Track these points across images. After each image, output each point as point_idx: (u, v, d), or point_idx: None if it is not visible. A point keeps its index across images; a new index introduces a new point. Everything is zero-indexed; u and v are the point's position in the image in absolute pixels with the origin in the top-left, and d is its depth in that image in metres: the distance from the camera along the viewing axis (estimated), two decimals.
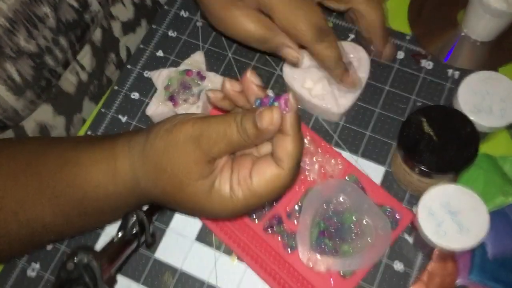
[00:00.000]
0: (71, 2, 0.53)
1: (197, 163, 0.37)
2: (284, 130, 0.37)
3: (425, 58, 0.60)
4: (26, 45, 0.50)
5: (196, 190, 0.38)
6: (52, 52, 0.53)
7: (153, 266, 0.52)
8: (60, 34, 0.53)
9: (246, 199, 0.38)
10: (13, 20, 0.48)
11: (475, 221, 0.44)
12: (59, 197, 0.43)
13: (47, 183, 0.43)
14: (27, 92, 0.52)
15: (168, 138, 0.38)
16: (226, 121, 0.37)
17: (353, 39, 0.61)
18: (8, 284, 0.52)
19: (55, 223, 0.44)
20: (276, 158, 0.38)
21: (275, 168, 0.38)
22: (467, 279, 0.47)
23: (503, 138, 0.55)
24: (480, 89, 0.50)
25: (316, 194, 0.50)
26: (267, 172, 0.38)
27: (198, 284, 0.51)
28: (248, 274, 0.51)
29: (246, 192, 0.38)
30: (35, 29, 0.50)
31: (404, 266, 0.50)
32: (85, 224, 0.47)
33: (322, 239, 0.49)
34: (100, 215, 0.45)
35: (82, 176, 0.43)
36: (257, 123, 0.36)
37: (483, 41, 0.59)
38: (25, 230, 0.44)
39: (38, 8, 0.50)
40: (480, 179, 0.50)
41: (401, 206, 0.51)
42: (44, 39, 0.51)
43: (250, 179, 0.38)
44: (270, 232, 0.50)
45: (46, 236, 0.46)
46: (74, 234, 0.50)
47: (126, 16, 0.64)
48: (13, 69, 0.50)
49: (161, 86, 0.58)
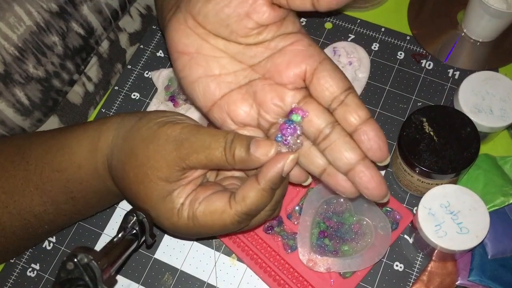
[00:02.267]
0: (78, 30, 0.54)
1: (169, 165, 0.37)
2: (259, 177, 0.36)
3: (425, 58, 0.60)
4: (35, 71, 0.51)
5: (154, 190, 0.38)
6: (60, 75, 0.54)
7: (153, 266, 0.52)
8: (67, 59, 0.54)
9: (187, 221, 0.38)
10: (22, 49, 0.50)
11: (475, 222, 0.44)
12: (46, 183, 0.44)
13: (34, 170, 0.44)
14: (34, 113, 0.54)
15: (155, 131, 0.38)
16: (215, 135, 0.37)
17: (353, 39, 0.61)
18: (8, 284, 0.52)
19: (46, 211, 0.45)
20: (232, 197, 0.37)
21: (224, 203, 0.37)
22: (467, 279, 0.47)
23: (503, 138, 0.55)
24: (480, 89, 0.50)
25: (316, 195, 0.50)
26: (215, 203, 0.37)
27: (198, 285, 0.51)
28: (248, 275, 0.51)
29: (190, 214, 0.38)
30: (44, 57, 0.52)
31: (404, 266, 0.50)
32: (74, 211, 0.47)
33: (322, 240, 0.49)
34: (86, 200, 0.46)
35: (67, 158, 0.43)
36: (250, 148, 0.36)
37: (483, 41, 0.59)
38: (18, 222, 0.45)
39: (46, 37, 0.51)
40: (480, 179, 0.50)
41: (401, 207, 0.51)
42: (52, 65, 0.53)
43: (198, 204, 0.37)
44: (270, 233, 0.50)
45: (40, 227, 0.47)
46: (67, 223, 0.50)
47: (133, 28, 0.65)
48: (22, 94, 0.51)
49: (161, 86, 0.58)
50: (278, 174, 0.36)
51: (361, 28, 0.62)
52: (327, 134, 0.38)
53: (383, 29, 0.62)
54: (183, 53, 0.40)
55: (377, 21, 0.62)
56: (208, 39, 0.39)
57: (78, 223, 0.54)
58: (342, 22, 0.63)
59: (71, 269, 0.35)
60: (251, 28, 0.38)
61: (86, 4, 0.54)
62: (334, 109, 0.38)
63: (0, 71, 0.49)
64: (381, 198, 0.38)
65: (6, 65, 0.49)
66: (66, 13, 0.52)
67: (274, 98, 0.39)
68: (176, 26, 0.39)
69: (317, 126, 0.38)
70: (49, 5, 0.50)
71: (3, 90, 0.49)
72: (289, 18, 0.39)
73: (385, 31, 0.62)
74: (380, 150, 0.37)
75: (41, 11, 0.50)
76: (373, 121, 0.37)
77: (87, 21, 0.54)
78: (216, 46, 0.39)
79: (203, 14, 0.38)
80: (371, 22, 0.62)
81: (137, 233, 0.43)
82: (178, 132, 0.37)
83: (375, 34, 0.62)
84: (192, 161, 0.37)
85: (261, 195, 0.36)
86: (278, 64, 0.38)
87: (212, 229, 0.38)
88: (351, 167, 0.37)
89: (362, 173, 0.37)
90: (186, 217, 0.38)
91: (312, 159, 0.39)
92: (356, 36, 0.62)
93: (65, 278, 0.35)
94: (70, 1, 0.52)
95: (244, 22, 0.37)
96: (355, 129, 0.37)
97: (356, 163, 0.37)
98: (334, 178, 0.38)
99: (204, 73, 0.39)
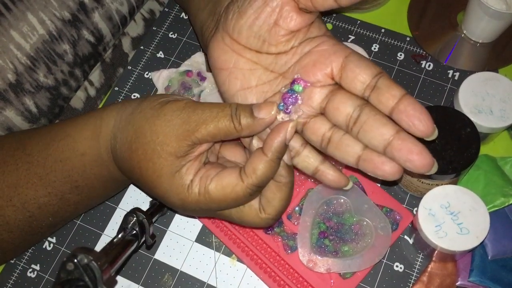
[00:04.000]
0: (89, 37, 0.55)
1: (178, 138, 0.38)
2: (265, 149, 0.38)
3: (425, 59, 0.60)
4: (45, 80, 0.52)
5: (163, 166, 0.39)
6: (68, 83, 0.55)
7: (153, 267, 0.52)
8: (76, 66, 0.55)
9: (199, 196, 0.39)
10: (34, 58, 0.50)
11: (475, 222, 0.44)
12: (49, 173, 0.45)
13: (37, 162, 0.45)
14: (41, 120, 0.54)
15: (159, 109, 0.40)
16: (220, 106, 0.39)
17: (353, 40, 0.61)
18: (8, 285, 0.52)
19: (50, 202, 0.46)
20: (242, 171, 0.38)
21: (235, 177, 0.38)
22: (467, 280, 0.47)
23: (503, 139, 0.55)
24: (480, 90, 0.50)
25: (316, 195, 0.50)
26: (227, 178, 0.38)
27: (198, 285, 0.51)
28: (248, 275, 0.51)
29: (201, 190, 0.39)
30: (54, 65, 0.52)
31: (404, 267, 0.50)
32: (79, 201, 0.47)
33: (322, 240, 0.49)
34: (90, 188, 0.46)
35: (69, 147, 0.44)
36: (254, 112, 0.37)
37: (483, 42, 0.59)
38: (22, 214, 0.45)
39: (58, 46, 0.52)
40: (481, 180, 0.50)
41: (401, 207, 0.51)
42: (61, 73, 0.53)
43: (210, 180, 0.39)
44: (270, 233, 0.50)
45: (44, 219, 0.47)
46: (71, 216, 0.50)
47: (136, 32, 0.65)
48: (31, 102, 0.52)
49: (161, 87, 0.58)
50: (282, 143, 0.37)
51: (361, 29, 0.62)
52: (356, 117, 0.38)
53: (383, 30, 0.62)
54: (222, 69, 0.42)
55: (377, 22, 0.63)
56: (243, 53, 0.41)
57: (78, 224, 0.54)
58: (342, 23, 0.63)
59: (71, 270, 0.35)
60: (281, 35, 0.40)
61: (98, 11, 0.54)
62: (368, 96, 0.38)
63: (11, 81, 0.49)
64: (426, 169, 0.36)
65: (18, 74, 0.50)
66: (78, 21, 0.53)
67: (303, 98, 0.40)
68: (215, 45, 0.42)
69: (345, 113, 0.38)
70: (62, 13, 0.51)
71: (13, 99, 0.50)
72: (315, 24, 0.41)
73: (385, 32, 0.62)
74: (423, 124, 0.35)
75: (54, 19, 0.50)
76: (409, 96, 0.36)
77: (97, 28, 0.55)
78: (250, 59, 0.41)
79: (237, 29, 0.40)
80: (371, 23, 0.62)
81: (137, 233, 0.44)
82: (182, 106, 0.39)
83: (375, 35, 0.62)
84: (201, 133, 0.38)
85: (270, 166, 0.38)
86: (305, 65, 0.40)
87: (224, 203, 0.39)
88: (387, 143, 0.36)
89: (400, 145, 0.36)
90: (198, 192, 0.39)
91: (345, 149, 0.39)
92: (356, 37, 0.62)
93: (65, 279, 0.35)
94: (82, 8, 0.53)
95: (275, 30, 0.40)
96: (392, 109, 0.36)
97: (391, 137, 0.36)
98: (371, 162, 0.38)
99: (241, 86, 0.42)
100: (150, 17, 0.66)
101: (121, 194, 0.55)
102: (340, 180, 0.41)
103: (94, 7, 0.54)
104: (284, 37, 0.40)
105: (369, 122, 0.37)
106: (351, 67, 0.38)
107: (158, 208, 0.50)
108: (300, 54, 0.40)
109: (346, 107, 0.38)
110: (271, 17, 0.39)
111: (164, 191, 0.40)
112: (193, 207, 0.40)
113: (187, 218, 0.54)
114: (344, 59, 0.38)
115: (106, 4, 0.55)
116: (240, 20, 0.40)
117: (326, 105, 0.39)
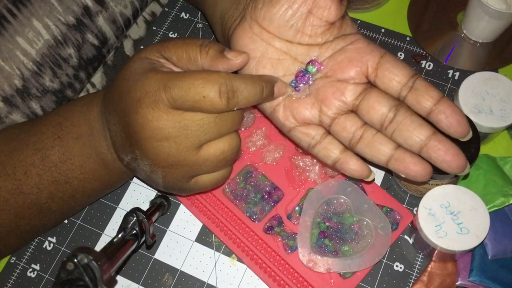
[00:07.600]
0: (93, 41, 0.55)
1: (152, 49, 0.39)
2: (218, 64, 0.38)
3: (425, 59, 0.60)
4: (51, 84, 0.52)
5: (137, 67, 0.39)
6: (73, 86, 0.55)
7: (153, 266, 0.52)
8: (80, 69, 0.55)
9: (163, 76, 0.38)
10: (40, 63, 0.51)
11: (475, 222, 0.44)
12: (44, 159, 0.45)
13: (34, 149, 0.45)
14: None
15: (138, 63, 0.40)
16: (192, 39, 0.40)
17: None
18: (9, 285, 0.52)
19: (38, 173, 0.45)
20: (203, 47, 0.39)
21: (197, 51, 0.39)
22: (467, 280, 0.47)
23: (503, 139, 0.55)
24: (480, 90, 0.50)
25: (316, 195, 0.50)
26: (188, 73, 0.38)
27: (198, 285, 0.51)
28: (248, 275, 0.51)
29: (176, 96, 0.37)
30: (60, 69, 0.52)
31: (404, 267, 0.50)
32: (71, 178, 0.46)
33: (322, 240, 0.49)
34: (85, 178, 0.46)
35: (65, 131, 0.45)
36: (224, 52, 0.38)
37: (483, 42, 0.59)
38: (10, 183, 0.45)
39: (63, 50, 0.52)
40: (480, 179, 0.50)
41: (401, 207, 0.51)
42: (66, 76, 0.54)
43: (176, 75, 0.38)
44: (270, 233, 0.50)
45: (30, 189, 0.46)
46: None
47: (138, 34, 0.65)
48: (37, 106, 0.52)
49: None
50: None
51: (361, 29, 0.62)
52: (392, 118, 0.38)
53: (383, 30, 0.62)
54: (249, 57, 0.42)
55: (377, 22, 0.63)
56: (273, 42, 0.41)
57: (78, 224, 0.54)
58: None
59: (71, 270, 0.35)
60: (318, 26, 0.40)
61: (102, 14, 0.54)
62: (405, 97, 0.38)
63: (18, 87, 0.50)
64: (461, 170, 0.38)
65: (25, 80, 0.50)
66: (83, 25, 0.53)
67: (336, 93, 0.40)
68: (241, 33, 0.42)
69: (381, 112, 0.39)
70: (66, 18, 0.51)
71: (20, 104, 0.50)
72: (347, 22, 0.41)
73: (385, 32, 0.62)
74: (460, 125, 0.37)
75: (58, 24, 0.51)
76: (446, 99, 0.38)
77: (101, 31, 0.55)
78: (280, 49, 0.41)
79: (268, 18, 0.40)
80: (371, 23, 0.62)
81: (137, 233, 0.44)
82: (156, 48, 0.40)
83: (375, 35, 0.62)
84: (169, 48, 0.39)
85: (221, 78, 0.37)
86: (340, 62, 0.40)
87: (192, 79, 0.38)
88: (423, 144, 0.37)
89: (437, 147, 0.37)
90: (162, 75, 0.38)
91: (377, 148, 0.39)
92: None
93: (65, 279, 0.35)
94: (86, 12, 0.53)
95: (309, 20, 0.40)
96: (430, 111, 0.37)
97: (428, 139, 0.37)
98: (403, 163, 0.39)
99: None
100: (152, 19, 0.67)
101: (121, 194, 0.55)
102: (362, 169, 0.41)
103: (98, 11, 0.54)
104: (321, 28, 0.40)
105: (406, 122, 0.38)
106: (388, 67, 0.38)
107: (158, 207, 0.50)
108: (334, 49, 0.41)
109: (381, 106, 0.39)
110: (305, 6, 0.39)
111: (139, 97, 0.38)
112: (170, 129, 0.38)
113: (187, 218, 0.54)
114: (380, 58, 0.39)
115: (110, 7, 0.55)
116: (272, 8, 0.40)
117: (360, 102, 0.39)
